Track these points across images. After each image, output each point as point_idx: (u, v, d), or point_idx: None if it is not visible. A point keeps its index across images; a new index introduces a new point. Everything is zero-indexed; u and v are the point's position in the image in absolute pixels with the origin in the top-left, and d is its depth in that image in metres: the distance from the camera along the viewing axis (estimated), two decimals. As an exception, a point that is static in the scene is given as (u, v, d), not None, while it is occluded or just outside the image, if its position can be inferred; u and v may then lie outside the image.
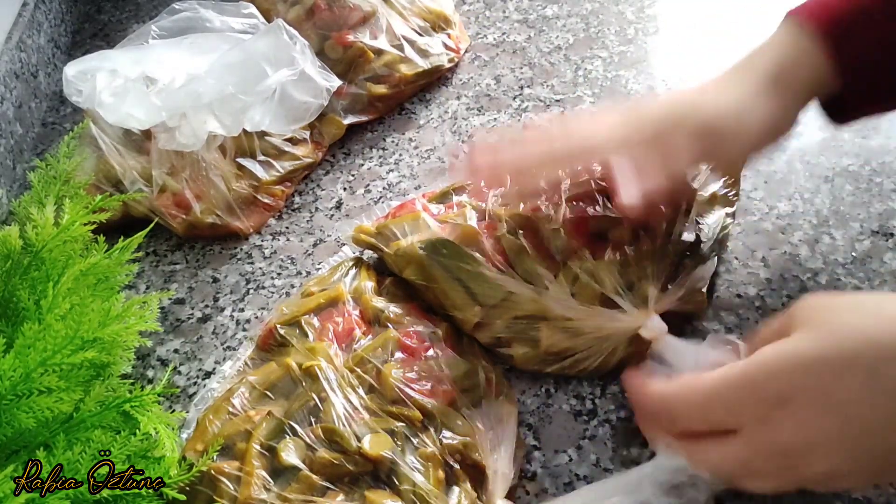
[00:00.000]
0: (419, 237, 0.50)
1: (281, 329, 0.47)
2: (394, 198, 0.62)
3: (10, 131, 0.67)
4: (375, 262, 0.54)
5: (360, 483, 0.39)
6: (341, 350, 0.45)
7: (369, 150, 0.67)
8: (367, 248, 0.54)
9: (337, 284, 0.50)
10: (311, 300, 0.48)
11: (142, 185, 0.60)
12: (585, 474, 0.44)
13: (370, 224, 0.54)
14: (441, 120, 0.69)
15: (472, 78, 0.74)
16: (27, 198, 0.47)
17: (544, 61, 0.75)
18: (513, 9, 0.82)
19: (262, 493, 0.39)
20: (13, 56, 0.70)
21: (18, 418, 0.33)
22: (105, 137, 0.61)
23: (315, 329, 0.46)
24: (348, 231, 0.54)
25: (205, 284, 0.57)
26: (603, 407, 0.47)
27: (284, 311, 0.48)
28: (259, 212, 0.61)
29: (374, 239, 0.53)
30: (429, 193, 0.56)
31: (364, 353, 0.44)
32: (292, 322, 0.47)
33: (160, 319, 0.55)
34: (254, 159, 0.62)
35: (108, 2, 0.89)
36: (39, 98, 0.74)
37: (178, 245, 0.60)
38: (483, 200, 0.51)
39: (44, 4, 0.78)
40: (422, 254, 0.49)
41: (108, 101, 0.59)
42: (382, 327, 0.47)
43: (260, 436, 0.41)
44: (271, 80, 0.59)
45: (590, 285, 0.46)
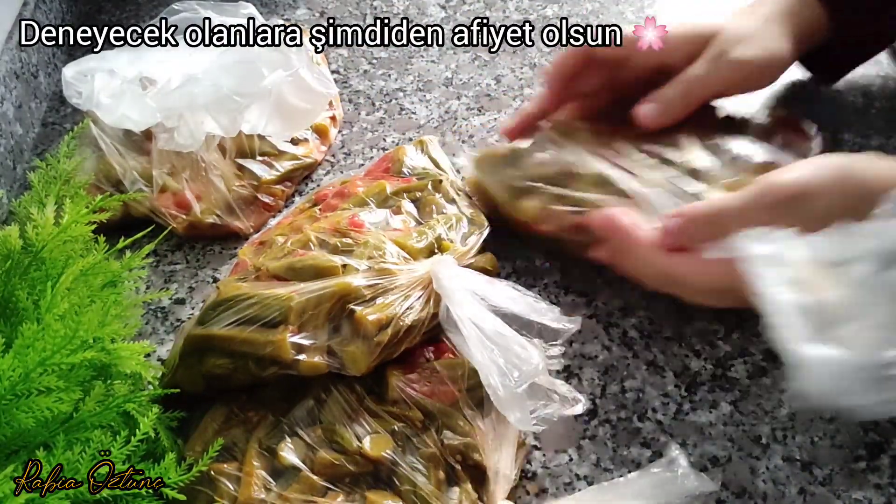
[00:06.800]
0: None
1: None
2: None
3: (11, 131, 0.67)
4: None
5: (361, 483, 0.39)
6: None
7: (370, 150, 0.67)
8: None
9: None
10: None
11: (142, 185, 0.60)
12: (585, 474, 0.44)
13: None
14: (441, 120, 0.69)
15: (472, 78, 0.74)
16: (27, 198, 0.47)
17: (544, 61, 0.75)
18: (513, 8, 0.82)
19: (262, 493, 0.38)
20: (13, 56, 0.70)
21: (18, 418, 0.33)
22: (105, 138, 0.61)
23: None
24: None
25: (205, 284, 0.57)
26: (603, 407, 0.47)
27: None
28: (259, 212, 0.61)
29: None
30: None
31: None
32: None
33: (160, 319, 0.55)
34: (254, 159, 0.62)
35: (108, 2, 0.89)
36: (39, 98, 0.74)
37: (178, 245, 0.60)
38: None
39: (44, 4, 0.78)
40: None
41: (105, 102, 0.59)
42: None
43: (260, 436, 0.41)
44: (267, 80, 0.59)
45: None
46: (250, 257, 0.51)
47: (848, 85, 0.68)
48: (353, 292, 0.42)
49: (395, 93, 0.73)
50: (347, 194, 0.54)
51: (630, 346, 0.50)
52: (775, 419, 0.45)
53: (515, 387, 0.39)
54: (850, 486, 0.42)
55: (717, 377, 0.48)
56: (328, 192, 0.56)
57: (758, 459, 0.44)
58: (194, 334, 0.43)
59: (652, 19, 0.55)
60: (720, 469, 0.43)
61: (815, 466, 0.43)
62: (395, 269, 0.44)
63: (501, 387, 0.39)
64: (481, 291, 0.43)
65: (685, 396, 0.47)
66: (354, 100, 0.73)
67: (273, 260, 0.47)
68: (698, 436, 0.45)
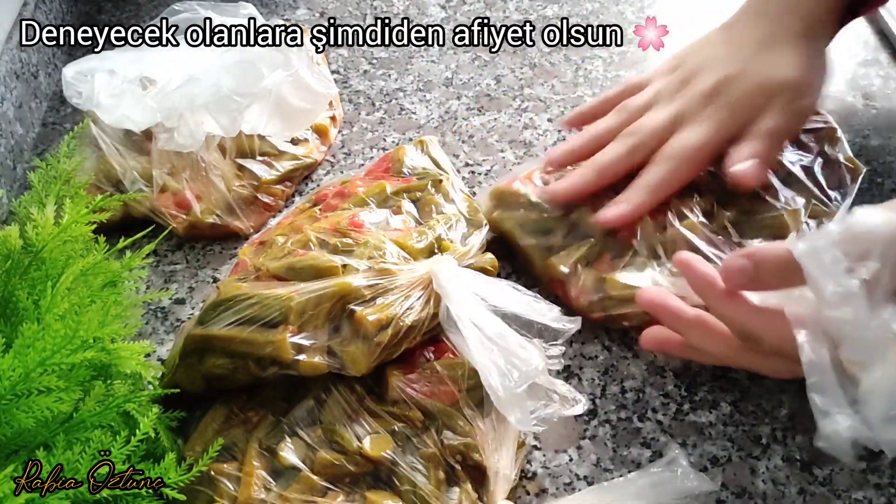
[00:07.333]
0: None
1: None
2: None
3: (11, 131, 0.67)
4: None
5: (361, 484, 0.39)
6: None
7: (370, 150, 0.67)
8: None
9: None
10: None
11: (142, 185, 0.60)
12: (585, 474, 0.44)
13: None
14: (441, 120, 0.69)
15: (472, 78, 0.74)
16: (27, 198, 0.47)
17: (544, 61, 0.75)
18: (513, 8, 0.82)
19: (262, 493, 0.38)
20: (13, 56, 0.70)
21: (18, 418, 0.33)
22: (105, 138, 0.60)
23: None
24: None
25: (205, 284, 0.57)
26: (603, 407, 0.47)
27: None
28: (259, 212, 0.61)
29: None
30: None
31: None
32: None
33: (160, 319, 0.55)
34: (254, 159, 0.62)
35: (108, 2, 0.89)
36: (40, 98, 0.74)
37: (178, 245, 0.60)
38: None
39: (44, 4, 0.78)
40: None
41: (105, 102, 0.59)
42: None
43: (260, 436, 0.41)
44: (267, 80, 0.59)
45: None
46: (250, 257, 0.51)
47: (848, 85, 0.68)
48: (353, 292, 0.42)
49: (395, 93, 0.73)
50: (347, 194, 0.54)
51: (630, 346, 0.50)
52: (775, 419, 0.45)
53: (515, 387, 0.39)
54: (850, 486, 0.42)
55: (717, 377, 0.48)
56: (328, 192, 0.56)
57: (758, 459, 0.44)
58: (194, 334, 0.43)
59: (653, 19, 0.54)
60: (720, 469, 0.43)
61: (815, 466, 0.43)
62: (395, 270, 0.44)
63: (501, 387, 0.39)
64: (481, 291, 0.43)
65: (685, 396, 0.47)
66: (354, 100, 0.73)
67: (273, 260, 0.47)
68: (698, 436, 0.45)
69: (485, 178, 0.63)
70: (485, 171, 0.64)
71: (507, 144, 0.66)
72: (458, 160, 0.65)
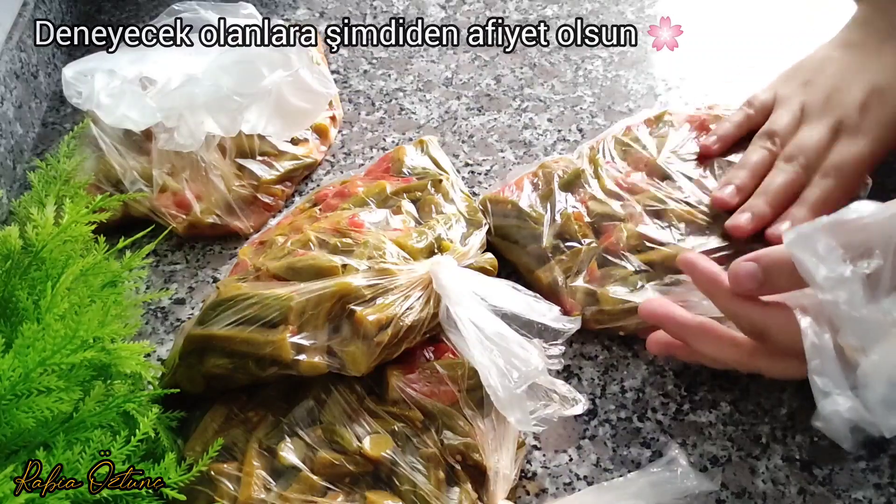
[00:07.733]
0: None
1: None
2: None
3: (10, 131, 0.67)
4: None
5: (361, 484, 0.39)
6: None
7: (370, 149, 0.67)
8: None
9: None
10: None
11: (142, 185, 0.60)
12: (585, 474, 0.44)
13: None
14: (441, 120, 0.69)
15: (472, 78, 0.74)
16: (27, 198, 0.47)
17: (544, 61, 0.75)
18: (513, 8, 0.82)
19: (262, 493, 0.38)
20: (13, 56, 0.70)
21: (18, 418, 0.33)
22: (105, 137, 0.61)
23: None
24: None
25: (205, 284, 0.57)
26: (603, 407, 0.47)
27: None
28: (259, 212, 0.61)
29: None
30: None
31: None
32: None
33: (160, 319, 0.55)
34: (254, 159, 0.62)
35: (108, 2, 0.89)
36: (39, 98, 0.74)
37: (178, 245, 0.60)
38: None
39: (44, 4, 0.78)
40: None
41: (105, 102, 0.59)
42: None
43: (260, 436, 0.41)
44: (267, 80, 0.59)
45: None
46: (250, 257, 0.51)
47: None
48: (353, 292, 0.42)
49: (395, 93, 0.73)
50: (347, 194, 0.54)
51: (630, 346, 0.50)
52: (775, 419, 0.45)
53: (515, 387, 0.39)
54: (850, 486, 0.42)
55: (717, 376, 0.48)
56: (328, 192, 0.56)
57: (757, 459, 0.44)
58: (194, 334, 0.43)
59: (667, 19, 0.54)
60: (720, 469, 0.43)
61: (815, 466, 0.43)
62: (395, 270, 0.44)
63: (501, 387, 0.39)
64: (481, 291, 0.43)
65: (685, 396, 0.47)
66: (354, 100, 0.73)
67: (273, 260, 0.47)
68: (698, 435, 0.45)
69: (485, 178, 0.63)
70: (485, 171, 0.64)
71: (506, 144, 0.66)
72: (458, 160, 0.65)
